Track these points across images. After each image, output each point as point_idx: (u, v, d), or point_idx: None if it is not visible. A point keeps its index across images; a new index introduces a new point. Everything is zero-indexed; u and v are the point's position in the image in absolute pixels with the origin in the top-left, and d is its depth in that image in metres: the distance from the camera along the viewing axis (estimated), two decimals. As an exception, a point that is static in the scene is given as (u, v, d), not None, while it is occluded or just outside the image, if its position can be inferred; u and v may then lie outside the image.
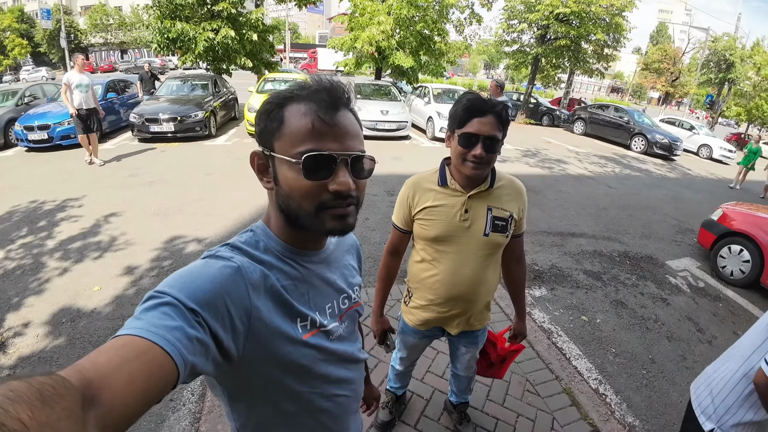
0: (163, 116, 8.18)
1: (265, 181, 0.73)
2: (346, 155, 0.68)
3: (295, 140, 0.66)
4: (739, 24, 26.85)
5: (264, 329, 0.65)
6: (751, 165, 10.82)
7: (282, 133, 0.68)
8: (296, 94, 0.69)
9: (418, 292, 1.63)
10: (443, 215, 1.45)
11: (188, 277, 0.60)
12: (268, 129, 0.69)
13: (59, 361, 2.55)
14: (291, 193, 0.68)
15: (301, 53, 49.03)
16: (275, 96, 0.71)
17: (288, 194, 0.69)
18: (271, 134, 0.69)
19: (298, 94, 0.69)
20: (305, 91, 0.69)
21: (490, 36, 19.64)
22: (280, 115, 0.68)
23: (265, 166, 0.72)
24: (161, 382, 0.48)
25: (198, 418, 2.19)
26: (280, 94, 0.70)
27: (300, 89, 0.70)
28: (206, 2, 11.80)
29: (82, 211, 4.80)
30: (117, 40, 43.64)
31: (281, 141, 0.68)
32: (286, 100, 0.69)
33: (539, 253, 4.65)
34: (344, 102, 0.70)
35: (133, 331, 0.49)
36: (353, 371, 0.88)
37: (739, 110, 24.59)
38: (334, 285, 0.83)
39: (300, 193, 0.67)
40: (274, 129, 0.69)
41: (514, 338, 1.85)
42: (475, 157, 1.31)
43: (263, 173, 0.73)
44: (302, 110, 0.67)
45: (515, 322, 1.83)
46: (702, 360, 3.16)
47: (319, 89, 0.69)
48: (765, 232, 4.33)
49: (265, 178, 0.73)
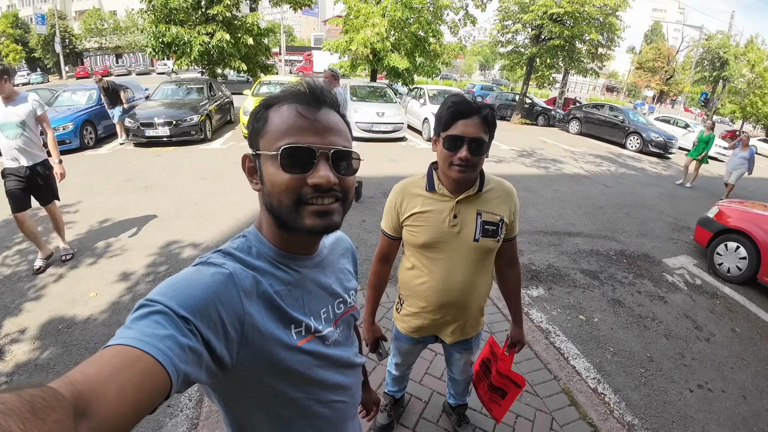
0: (158, 120, 8.17)
1: (254, 183, 0.74)
2: (326, 149, 0.68)
3: (277, 136, 0.67)
4: (733, 22, 27.08)
5: (258, 336, 0.65)
6: (702, 156, 9.42)
7: (265, 131, 0.69)
8: (282, 96, 0.71)
9: (410, 300, 1.61)
10: (432, 221, 1.42)
11: (179, 284, 0.59)
12: (254, 130, 0.71)
13: (56, 368, 2.53)
14: (272, 189, 0.68)
15: (296, 56, 49.08)
16: (264, 99, 0.72)
17: (270, 191, 0.69)
18: (257, 134, 0.70)
19: (284, 95, 0.71)
20: (290, 92, 0.71)
21: (485, 37, 19.74)
22: (265, 115, 0.70)
23: (254, 167, 0.73)
24: (153, 391, 0.47)
25: (195, 424, 2.18)
26: (269, 97, 0.72)
27: (286, 92, 0.71)
28: (201, 6, 11.80)
29: (77, 217, 4.78)
30: (112, 45, 43.54)
31: (265, 139, 0.69)
32: (273, 101, 0.71)
33: (536, 253, 4.65)
34: (327, 101, 0.71)
35: (123, 340, 0.49)
36: (350, 376, 0.88)
37: (733, 108, 24.74)
38: (328, 289, 0.82)
39: (279, 187, 0.67)
40: (259, 128, 0.70)
41: (512, 346, 1.77)
42: (461, 159, 1.29)
43: (252, 175, 0.74)
44: (285, 109, 0.69)
45: (512, 329, 1.77)
46: (700, 357, 3.17)
47: (303, 89, 0.70)
48: (761, 228, 4.35)
49: (254, 180, 0.74)
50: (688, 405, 2.67)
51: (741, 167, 8.67)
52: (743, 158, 8.62)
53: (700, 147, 9.36)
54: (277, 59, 30.98)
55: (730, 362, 3.16)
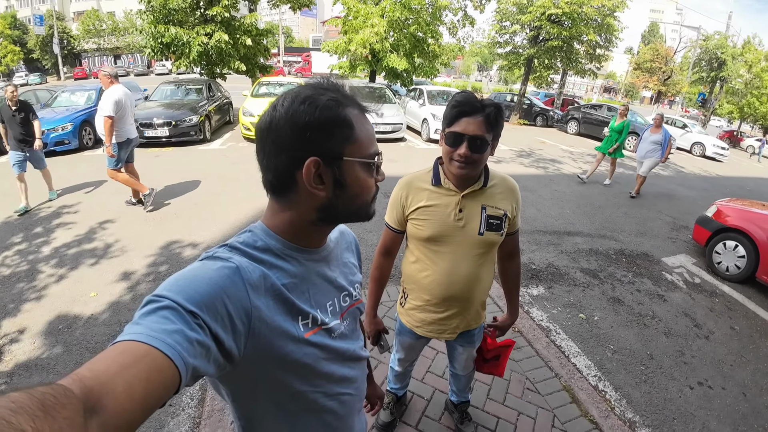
0: (157, 121, 8.15)
1: (318, 189, 0.70)
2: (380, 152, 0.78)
3: (367, 144, 0.73)
4: (730, 22, 27.11)
5: (265, 329, 0.65)
6: (614, 149, 7.66)
7: (356, 138, 0.71)
8: (342, 100, 0.70)
9: (414, 293, 1.62)
10: (437, 215, 1.45)
11: (186, 279, 0.59)
12: (340, 136, 0.69)
13: (56, 368, 2.53)
14: (361, 192, 0.74)
15: (295, 57, 49.09)
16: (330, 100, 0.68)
17: (357, 194, 0.74)
18: (346, 139, 0.70)
19: (348, 99, 0.72)
20: (350, 97, 0.73)
21: (483, 38, 19.77)
22: (348, 121, 0.70)
23: (326, 172, 0.70)
24: (162, 386, 0.47)
25: (198, 423, 2.18)
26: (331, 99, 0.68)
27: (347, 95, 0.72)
28: (199, 7, 11.79)
29: (77, 218, 4.77)
30: (110, 46, 43.50)
31: (355, 146, 0.71)
32: (341, 104, 0.69)
33: (536, 252, 4.66)
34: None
35: (132, 336, 0.49)
36: (356, 369, 0.88)
37: (731, 108, 24.82)
38: (334, 282, 0.83)
39: (368, 189, 0.75)
40: (348, 135, 0.70)
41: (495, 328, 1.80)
42: (460, 156, 1.31)
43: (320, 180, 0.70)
44: (360, 116, 0.73)
45: (503, 316, 1.80)
46: (700, 355, 3.18)
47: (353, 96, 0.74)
48: (759, 227, 4.36)
49: (320, 186, 0.70)
50: (689, 402, 2.68)
51: (653, 154, 7.15)
52: (655, 143, 7.11)
53: (612, 138, 7.68)
54: (275, 60, 30.99)
55: (729, 360, 3.17)
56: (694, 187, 9.36)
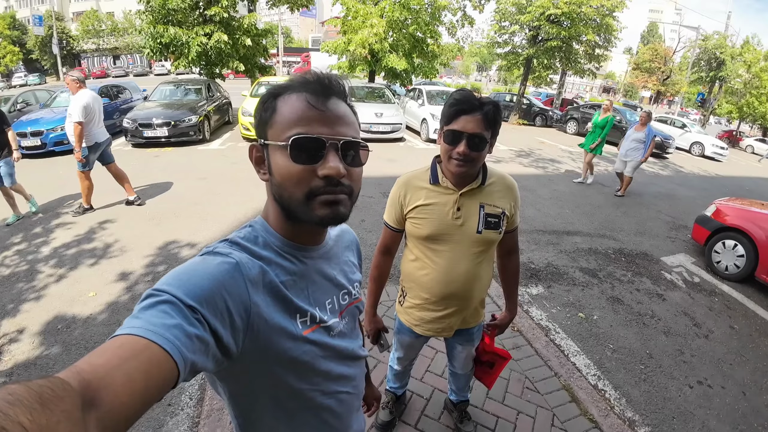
0: (156, 121, 8.15)
1: (261, 173, 0.74)
2: (336, 139, 0.67)
3: (286, 126, 0.67)
4: (729, 22, 27.14)
5: (263, 325, 0.65)
6: (596, 145, 7.41)
7: (274, 121, 0.68)
8: (290, 85, 0.70)
9: (413, 292, 1.62)
10: (436, 213, 1.45)
11: (186, 274, 0.59)
12: (262, 119, 0.70)
13: (55, 367, 2.52)
14: (282, 181, 0.68)
15: (294, 57, 49.05)
16: (271, 88, 0.71)
17: (280, 183, 0.68)
18: (265, 123, 0.70)
19: (292, 84, 0.70)
20: (299, 81, 0.70)
21: (482, 38, 19.78)
22: (273, 104, 0.69)
23: (262, 157, 0.73)
24: (160, 380, 0.47)
25: (196, 423, 2.17)
26: (276, 86, 0.71)
27: (294, 81, 0.70)
28: (199, 7, 11.79)
29: (76, 218, 4.77)
30: (109, 46, 43.45)
31: (273, 129, 0.68)
32: (281, 90, 0.70)
33: (535, 252, 4.66)
34: (336, 91, 0.70)
35: (130, 330, 0.49)
36: (354, 368, 0.88)
37: (730, 108, 24.84)
38: (333, 280, 0.83)
39: (290, 179, 0.67)
40: (267, 118, 0.69)
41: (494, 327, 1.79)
42: (459, 154, 1.31)
43: (260, 165, 0.73)
44: (294, 98, 0.68)
45: (502, 313, 1.79)
46: (699, 354, 3.18)
47: (312, 79, 0.69)
48: (758, 226, 4.37)
49: (262, 170, 0.73)
50: (688, 401, 2.68)
51: (635, 153, 6.91)
52: (637, 141, 6.85)
53: (595, 133, 7.40)
54: (274, 60, 30.98)
55: (729, 359, 3.18)
56: (693, 186, 9.37)
